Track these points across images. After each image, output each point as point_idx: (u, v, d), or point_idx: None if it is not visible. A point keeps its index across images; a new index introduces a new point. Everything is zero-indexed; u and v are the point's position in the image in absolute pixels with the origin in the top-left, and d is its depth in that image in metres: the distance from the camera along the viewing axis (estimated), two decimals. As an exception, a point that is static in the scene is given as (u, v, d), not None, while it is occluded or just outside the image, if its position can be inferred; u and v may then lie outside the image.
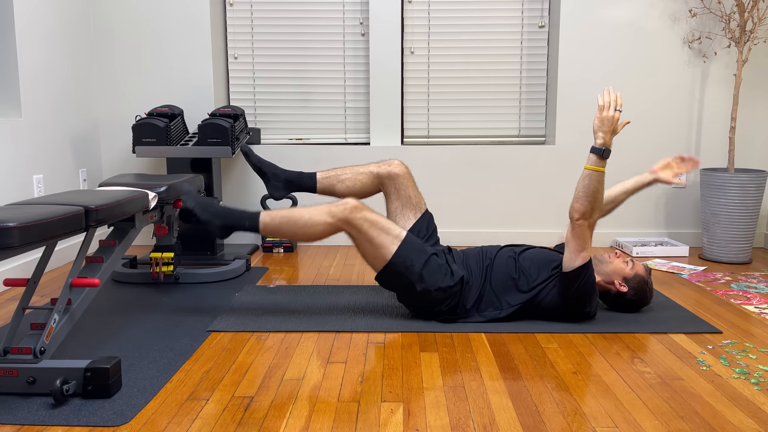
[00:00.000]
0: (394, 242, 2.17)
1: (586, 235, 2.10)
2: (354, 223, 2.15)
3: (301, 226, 2.16)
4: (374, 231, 2.16)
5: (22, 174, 2.82)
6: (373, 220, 2.17)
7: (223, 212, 2.19)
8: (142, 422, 1.53)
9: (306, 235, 2.18)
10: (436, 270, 2.18)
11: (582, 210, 2.08)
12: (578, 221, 2.09)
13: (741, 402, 1.64)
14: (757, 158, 3.52)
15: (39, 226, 1.59)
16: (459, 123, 3.69)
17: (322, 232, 2.17)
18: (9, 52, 2.78)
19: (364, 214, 2.16)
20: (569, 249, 2.13)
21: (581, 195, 2.09)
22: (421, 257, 2.18)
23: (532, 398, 1.66)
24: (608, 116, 2.08)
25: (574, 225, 2.11)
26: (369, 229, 2.16)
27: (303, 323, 2.23)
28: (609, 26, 3.43)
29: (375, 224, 2.17)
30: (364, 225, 2.15)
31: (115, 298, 2.54)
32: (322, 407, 1.61)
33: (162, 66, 3.47)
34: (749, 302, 2.50)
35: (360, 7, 3.60)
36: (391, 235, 2.18)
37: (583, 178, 2.08)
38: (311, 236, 2.18)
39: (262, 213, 2.19)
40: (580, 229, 2.10)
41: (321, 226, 2.16)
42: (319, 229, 2.16)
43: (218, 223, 2.18)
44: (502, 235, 3.58)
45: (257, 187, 3.59)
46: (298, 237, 2.19)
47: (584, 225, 2.09)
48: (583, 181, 2.09)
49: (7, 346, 1.72)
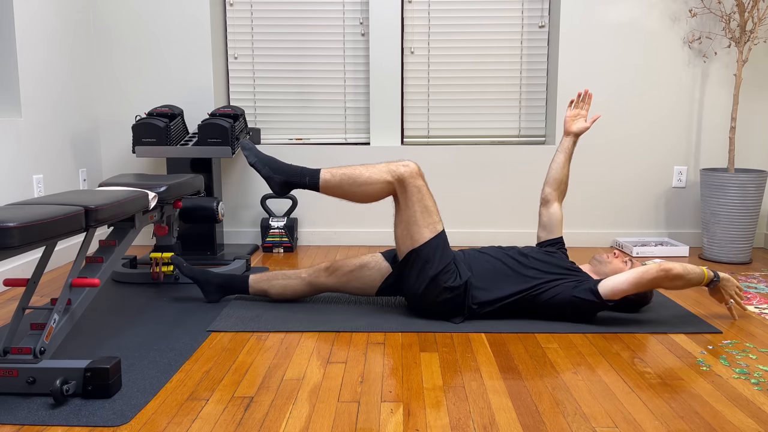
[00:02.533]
0: (431, 229, 2.18)
1: (654, 284, 2.13)
2: (408, 188, 2.17)
3: (361, 184, 2.18)
4: (419, 206, 2.18)
5: (22, 174, 2.82)
6: (424, 194, 2.19)
7: (284, 168, 2.20)
8: (142, 422, 1.53)
9: (364, 194, 2.19)
10: (449, 272, 2.19)
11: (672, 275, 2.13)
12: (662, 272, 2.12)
13: (741, 402, 1.64)
14: (757, 158, 3.52)
15: (39, 226, 1.58)
16: (459, 123, 3.69)
17: (380, 191, 2.18)
18: (9, 53, 2.78)
19: (420, 184, 2.17)
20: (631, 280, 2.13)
21: (681, 273, 2.14)
22: (443, 259, 2.19)
23: (532, 398, 1.66)
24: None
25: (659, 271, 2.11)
26: (416, 202, 2.17)
27: (303, 323, 2.23)
28: (609, 26, 3.43)
29: (423, 199, 2.18)
30: (415, 196, 2.17)
31: (115, 298, 2.54)
32: (322, 407, 1.61)
33: (162, 66, 3.47)
34: (749, 302, 2.50)
35: (360, 7, 3.60)
36: (431, 221, 2.19)
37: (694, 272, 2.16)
38: (369, 195, 2.19)
39: (323, 170, 2.20)
40: (659, 278, 2.11)
41: (380, 185, 2.17)
42: (378, 188, 2.18)
43: (279, 179, 2.20)
44: (502, 235, 3.58)
45: (257, 187, 3.59)
46: (356, 195, 2.20)
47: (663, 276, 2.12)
48: (693, 272, 2.16)
49: (7, 346, 1.72)
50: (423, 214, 2.18)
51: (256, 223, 3.62)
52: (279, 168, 2.21)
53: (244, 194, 3.59)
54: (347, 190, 2.19)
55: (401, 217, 2.21)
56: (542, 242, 2.51)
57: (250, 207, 3.60)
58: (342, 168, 2.20)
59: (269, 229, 3.41)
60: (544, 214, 2.52)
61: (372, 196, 2.20)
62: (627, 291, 2.12)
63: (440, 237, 2.20)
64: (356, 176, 2.18)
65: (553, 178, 2.52)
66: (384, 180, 2.17)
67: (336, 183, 2.19)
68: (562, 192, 2.53)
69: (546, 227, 2.51)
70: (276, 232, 3.41)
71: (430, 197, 2.21)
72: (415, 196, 2.17)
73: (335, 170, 2.20)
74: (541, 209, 2.54)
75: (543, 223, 2.52)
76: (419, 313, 2.32)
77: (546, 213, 2.52)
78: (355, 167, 2.20)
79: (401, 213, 2.20)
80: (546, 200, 2.52)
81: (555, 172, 2.52)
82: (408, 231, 2.19)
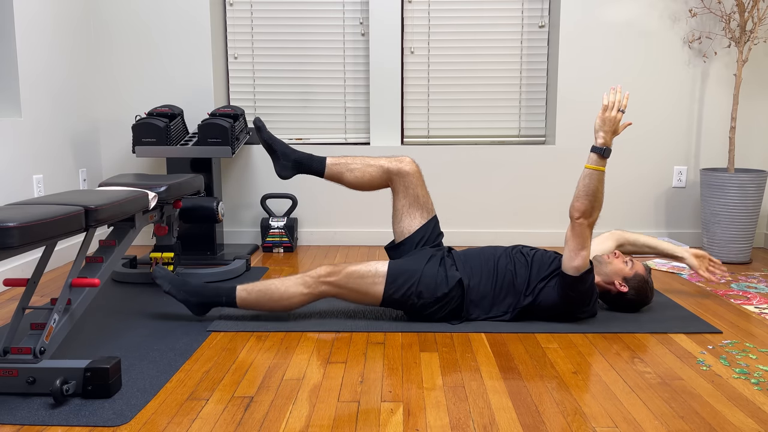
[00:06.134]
0: (378, 282, 2.19)
1: (585, 234, 2.10)
2: (330, 289, 2.20)
3: (277, 299, 2.21)
4: (353, 283, 2.19)
5: (22, 174, 2.82)
6: (348, 273, 2.20)
7: (198, 290, 2.23)
8: (142, 422, 1.53)
9: (284, 308, 2.24)
10: (430, 281, 2.19)
11: (582, 209, 2.08)
12: (578, 220, 2.09)
13: (741, 402, 1.64)
14: (757, 158, 3.52)
15: (39, 226, 1.58)
16: (459, 123, 3.69)
17: (299, 303, 2.22)
18: (9, 53, 2.78)
19: (337, 276, 2.19)
20: (569, 248, 2.13)
21: (581, 194, 2.09)
22: (411, 277, 2.19)
23: (532, 398, 1.66)
24: (610, 116, 2.08)
25: (574, 224, 2.11)
26: (347, 284, 2.20)
27: (303, 323, 2.23)
28: (609, 26, 3.43)
29: (351, 276, 2.19)
30: (341, 284, 2.19)
31: (115, 298, 2.54)
32: (322, 407, 1.61)
33: (162, 66, 3.47)
34: (749, 302, 2.50)
35: (360, 7, 3.60)
36: (371, 278, 2.20)
37: (584, 177, 2.09)
38: (289, 307, 2.24)
39: (239, 288, 2.23)
40: (579, 228, 2.10)
41: (297, 298, 2.21)
42: (296, 300, 2.21)
43: (195, 301, 2.23)
44: (502, 235, 3.58)
45: (257, 187, 3.59)
46: (276, 310, 2.25)
47: (584, 224, 2.09)
48: (583, 180, 2.09)
49: (7, 346, 1.72)
50: (363, 282, 2.21)
51: (256, 223, 3.62)
52: (193, 291, 2.24)
53: (244, 194, 3.59)
54: (265, 306, 2.24)
55: (353, 298, 2.24)
56: None
57: (250, 207, 3.60)
58: (257, 284, 2.24)
59: (269, 229, 3.41)
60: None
61: (294, 306, 2.23)
62: (577, 255, 2.10)
63: (391, 272, 2.20)
64: (271, 292, 2.22)
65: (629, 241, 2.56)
66: (300, 293, 2.20)
67: (252, 300, 2.23)
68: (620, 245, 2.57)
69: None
70: (276, 232, 3.41)
71: (354, 265, 2.22)
72: (343, 283, 2.20)
73: (251, 287, 2.24)
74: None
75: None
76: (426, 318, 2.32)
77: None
78: (270, 282, 2.24)
79: (348, 297, 2.24)
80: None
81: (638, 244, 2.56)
82: (365, 299, 2.23)
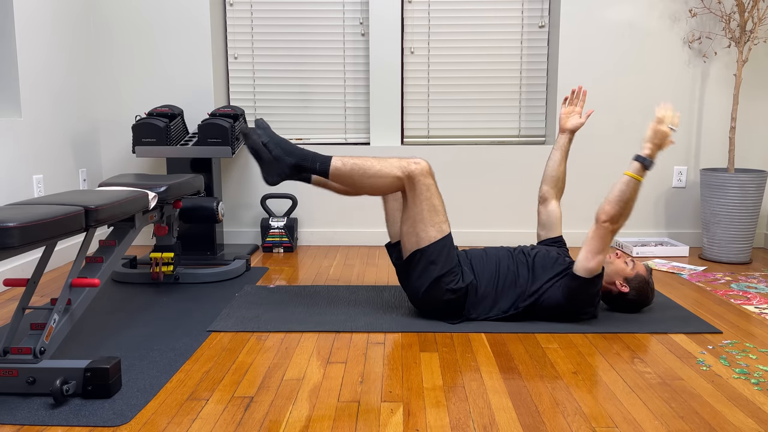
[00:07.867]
0: (437, 229, 2.17)
1: (607, 238, 2.09)
2: (417, 186, 2.14)
3: (371, 176, 2.15)
4: (427, 205, 2.16)
5: (22, 174, 2.82)
6: (433, 193, 2.16)
7: (296, 151, 2.17)
8: (142, 422, 1.53)
9: (372, 186, 2.17)
10: (453, 274, 2.19)
11: (612, 213, 2.06)
12: (604, 223, 2.08)
13: (741, 402, 1.64)
14: (757, 158, 3.52)
15: (39, 226, 1.58)
16: (459, 123, 3.69)
17: (388, 186, 2.16)
18: (9, 52, 2.78)
19: (430, 182, 2.15)
20: (587, 249, 2.12)
21: (615, 199, 2.06)
22: (448, 262, 2.18)
23: (532, 398, 1.66)
24: (663, 130, 2.04)
25: (599, 226, 2.09)
26: (424, 201, 2.15)
27: (303, 323, 2.23)
28: (609, 26, 3.43)
29: (431, 198, 2.16)
30: (424, 194, 2.15)
31: (115, 298, 2.54)
32: (322, 407, 1.61)
33: (162, 66, 3.47)
34: (749, 302, 2.50)
35: (360, 7, 3.60)
36: (438, 221, 2.17)
37: (621, 183, 2.06)
38: (377, 188, 2.17)
39: (335, 157, 2.17)
40: (603, 231, 2.08)
41: (389, 179, 2.15)
42: (387, 182, 2.15)
43: (290, 162, 2.16)
44: (502, 235, 3.58)
45: (257, 187, 3.59)
46: (365, 187, 2.18)
47: (609, 228, 2.08)
48: (620, 185, 2.06)
49: (7, 346, 1.72)
50: (430, 212, 2.17)
51: (256, 223, 3.62)
52: (291, 150, 2.18)
53: (244, 194, 3.59)
54: (357, 180, 2.17)
55: (408, 214, 2.20)
56: (542, 241, 2.51)
57: (250, 207, 3.60)
58: (354, 158, 2.18)
59: (269, 229, 3.41)
60: (543, 212, 2.52)
61: (380, 189, 2.18)
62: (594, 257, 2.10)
63: (447, 238, 2.19)
64: (367, 168, 2.16)
65: (550, 175, 2.52)
66: (394, 175, 2.15)
67: (346, 172, 2.16)
68: (559, 189, 2.53)
69: (545, 226, 2.51)
70: (276, 232, 3.41)
71: (439, 197, 2.20)
72: (424, 194, 2.15)
73: (347, 159, 2.17)
74: (539, 207, 2.53)
75: (542, 222, 2.52)
76: (418, 311, 2.32)
77: (544, 211, 2.51)
78: (367, 158, 2.18)
79: (408, 210, 2.19)
80: (544, 198, 2.52)
81: (552, 170, 2.52)
82: (414, 229, 2.18)
